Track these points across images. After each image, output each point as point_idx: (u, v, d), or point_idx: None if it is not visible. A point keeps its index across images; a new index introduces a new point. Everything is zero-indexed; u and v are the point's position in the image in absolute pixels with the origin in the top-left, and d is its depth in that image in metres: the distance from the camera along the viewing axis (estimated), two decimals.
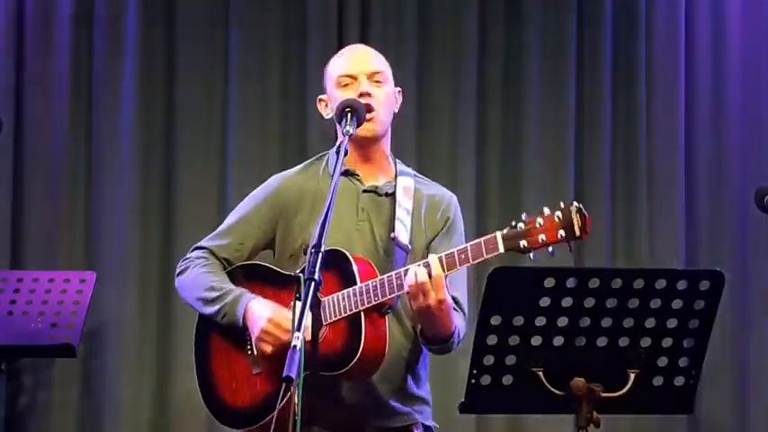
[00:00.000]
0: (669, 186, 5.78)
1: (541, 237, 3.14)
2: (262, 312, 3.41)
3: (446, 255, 3.24)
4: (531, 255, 3.16)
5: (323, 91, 3.64)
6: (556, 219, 3.13)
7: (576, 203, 3.12)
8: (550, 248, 3.14)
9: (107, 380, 5.51)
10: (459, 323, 3.41)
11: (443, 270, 3.23)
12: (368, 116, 3.45)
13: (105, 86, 5.66)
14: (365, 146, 3.52)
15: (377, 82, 3.51)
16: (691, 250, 5.77)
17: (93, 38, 5.68)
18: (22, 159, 5.60)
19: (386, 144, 3.59)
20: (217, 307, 3.49)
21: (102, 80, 5.66)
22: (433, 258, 3.24)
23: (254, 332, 3.41)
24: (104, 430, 5.49)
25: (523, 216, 3.18)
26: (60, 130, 5.62)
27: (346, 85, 3.50)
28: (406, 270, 3.27)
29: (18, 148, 5.59)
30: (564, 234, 3.12)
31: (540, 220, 3.15)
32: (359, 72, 3.50)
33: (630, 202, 5.80)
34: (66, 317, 4.89)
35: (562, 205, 3.14)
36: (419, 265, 3.24)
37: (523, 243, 3.16)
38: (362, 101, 3.44)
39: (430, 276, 3.21)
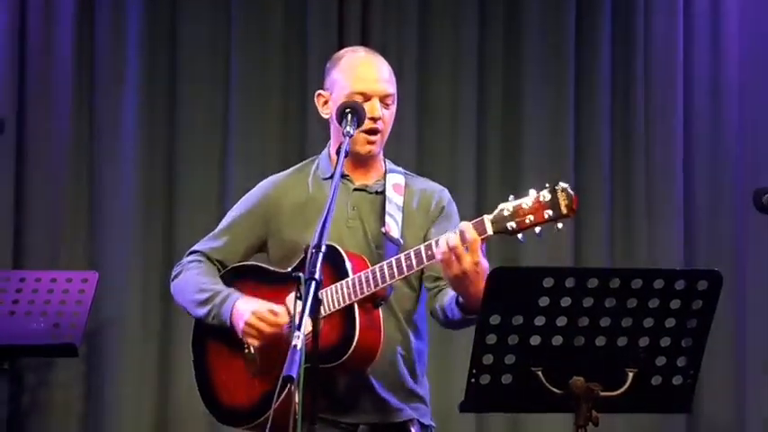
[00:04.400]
0: (668, 186, 5.79)
1: (529, 217, 3.16)
2: (246, 308, 3.43)
3: (474, 222, 3.21)
4: (520, 236, 3.18)
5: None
6: (542, 198, 3.15)
7: (561, 183, 3.14)
8: (538, 229, 3.16)
9: (109, 379, 5.52)
10: None
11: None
12: (372, 138, 3.49)
13: (106, 86, 5.67)
14: (361, 159, 3.55)
15: (387, 104, 3.52)
16: (689, 250, 5.78)
17: (94, 37, 5.69)
18: (25, 159, 5.61)
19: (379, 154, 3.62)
20: (206, 308, 3.52)
21: (103, 80, 5.67)
22: (465, 224, 3.21)
23: (239, 327, 3.43)
24: (106, 430, 5.50)
25: (510, 198, 3.19)
26: (62, 130, 5.63)
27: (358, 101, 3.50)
28: (437, 240, 3.25)
29: (20, 148, 5.60)
30: (551, 213, 3.13)
31: (526, 201, 3.17)
32: (374, 93, 3.49)
33: (629, 202, 5.81)
34: (69, 317, 4.90)
35: (548, 185, 3.16)
36: (450, 233, 3.21)
37: (511, 225, 3.17)
38: (371, 125, 3.46)
39: (463, 242, 3.19)
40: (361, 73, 3.52)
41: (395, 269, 3.31)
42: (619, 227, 5.80)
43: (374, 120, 3.47)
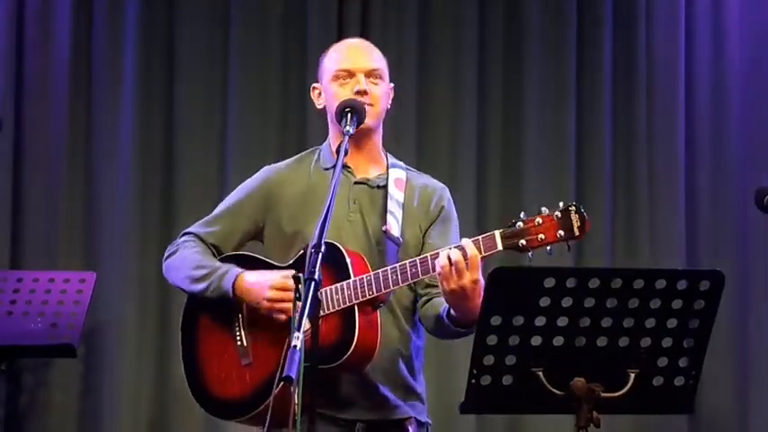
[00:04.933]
0: (669, 186, 5.78)
1: (540, 236, 3.17)
2: (259, 281, 3.40)
3: (483, 237, 3.23)
4: (530, 254, 3.19)
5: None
6: (555, 218, 3.15)
7: (575, 204, 3.15)
8: (548, 247, 3.17)
9: (107, 380, 5.51)
10: None
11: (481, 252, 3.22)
12: None
13: (105, 86, 5.66)
14: (357, 138, 3.50)
15: (374, 79, 3.51)
16: (691, 250, 5.77)
17: (92, 37, 5.68)
18: (22, 160, 5.60)
19: (378, 138, 3.60)
20: (205, 283, 3.49)
21: (101, 80, 5.66)
22: (466, 241, 3.23)
23: (262, 304, 3.39)
24: (104, 430, 5.49)
25: (522, 215, 3.20)
26: (59, 130, 5.62)
27: (343, 80, 3.50)
28: (434, 254, 3.25)
29: (18, 149, 5.60)
30: (563, 234, 3.15)
31: (538, 219, 3.17)
32: (357, 69, 3.50)
33: (631, 201, 5.80)
34: (66, 317, 4.89)
35: (561, 205, 3.16)
36: (451, 248, 3.23)
37: (522, 242, 3.18)
38: (359, 99, 3.45)
39: (464, 258, 3.19)
40: (344, 54, 3.56)
41: (399, 276, 3.30)
42: (620, 226, 5.80)
43: (360, 93, 3.46)
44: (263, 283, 3.40)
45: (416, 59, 5.74)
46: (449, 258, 3.19)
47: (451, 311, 3.34)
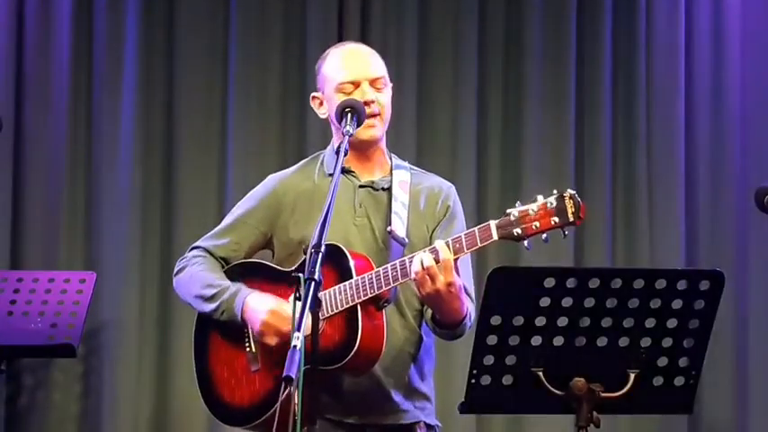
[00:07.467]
0: (669, 186, 5.78)
1: (535, 224, 3.16)
2: (261, 305, 3.41)
3: (452, 239, 3.24)
4: (526, 242, 3.18)
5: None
6: (549, 205, 3.15)
7: (569, 190, 3.14)
8: (544, 235, 3.16)
9: (107, 380, 5.51)
10: (470, 307, 3.41)
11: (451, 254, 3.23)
12: (371, 122, 3.47)
13: (105, 86, 5.65)
14: (366, 148, 3.53)
15: (378, 88, 3.51)
16: (691, 250, 5.77)
17: (92, 37, 5.67)
18: (22, 160, 5.60)
19: (383, 143, 3.60)
20: (215, 304, 3.49)
21: (101, 80, 5.66)
22: (440, 243, 3.23)
23: (255, 326, 3.41)
24: (104, 430, 5.48)
25: (517, 204, 3.19)
26: (60, 130, 5.62)
27: (348, 91, 3.48)
28: (411, 258, 3.26)
29: (18, 149, 5.59)
30: (557, 220, 3.14)
31: (533, 207, 3.17)
32: (361, 78, 3.49)
33: (630, 201, 5.80)
34: (66, 317, 4.89)
35: (555, 192, 3.15)
36: (425, 251, 3.24)
37: (517, 231, 3.17)
38: (367, 109, 3.44)
39: (436, 261, 3.21)
40: (345, 63, 3.53)
41: (399, 271, 3.30)
42: (620, 226, 5.79)
43: (367, 104, 3.45)
44: (263, 307, 3.40)
45: (416, 58, 5.74)
46: (422, 263, 3.21)
47: (435, 315, 3.36)
